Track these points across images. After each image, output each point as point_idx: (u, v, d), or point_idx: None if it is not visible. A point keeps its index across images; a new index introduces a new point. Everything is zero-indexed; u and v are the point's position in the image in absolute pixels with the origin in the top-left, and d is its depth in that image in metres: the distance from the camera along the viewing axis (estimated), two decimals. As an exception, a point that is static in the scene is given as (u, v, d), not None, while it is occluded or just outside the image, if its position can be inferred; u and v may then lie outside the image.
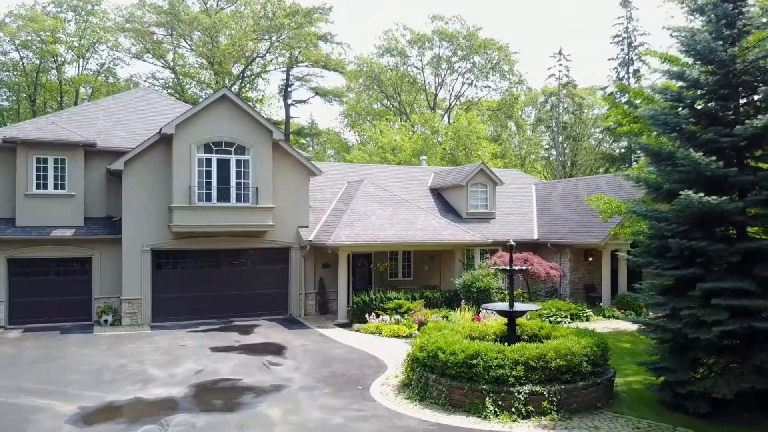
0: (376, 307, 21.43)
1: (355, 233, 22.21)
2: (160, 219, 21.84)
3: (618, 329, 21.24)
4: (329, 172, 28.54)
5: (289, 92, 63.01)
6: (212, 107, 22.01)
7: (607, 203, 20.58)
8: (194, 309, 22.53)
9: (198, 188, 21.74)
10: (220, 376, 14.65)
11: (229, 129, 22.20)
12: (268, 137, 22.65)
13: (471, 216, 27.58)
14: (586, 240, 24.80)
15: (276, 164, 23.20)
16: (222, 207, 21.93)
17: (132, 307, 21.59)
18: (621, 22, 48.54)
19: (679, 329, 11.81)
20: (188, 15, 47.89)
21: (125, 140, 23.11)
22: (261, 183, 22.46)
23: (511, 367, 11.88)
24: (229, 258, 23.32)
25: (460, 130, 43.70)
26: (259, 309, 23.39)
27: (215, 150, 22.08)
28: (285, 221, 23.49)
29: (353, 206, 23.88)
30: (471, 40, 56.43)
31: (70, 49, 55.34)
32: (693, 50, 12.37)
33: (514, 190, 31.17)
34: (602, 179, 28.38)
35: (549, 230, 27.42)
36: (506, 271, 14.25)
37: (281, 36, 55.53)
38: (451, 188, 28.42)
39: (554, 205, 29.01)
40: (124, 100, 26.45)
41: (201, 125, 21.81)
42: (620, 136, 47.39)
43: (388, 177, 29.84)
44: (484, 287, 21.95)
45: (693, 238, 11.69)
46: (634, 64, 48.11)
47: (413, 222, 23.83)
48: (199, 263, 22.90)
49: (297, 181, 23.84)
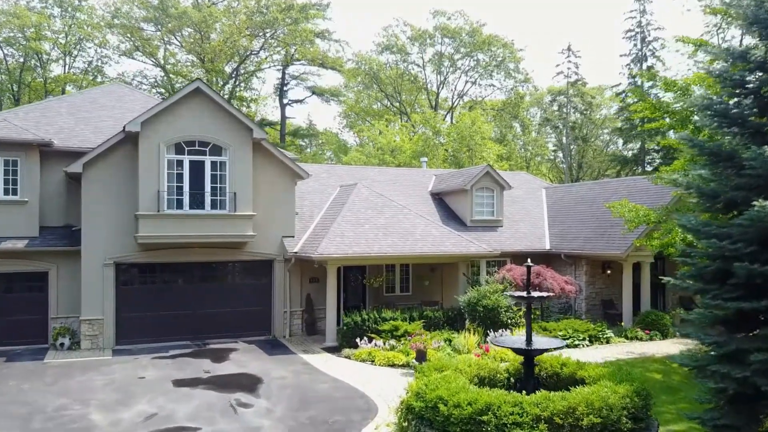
0: (369, 329, 18.84)
1: (346, 244, 19.65)
2: (125, 228, 19.30)
3: (645, 354, 18.62)
4: (320, 176, 25.98)
5: (285, 91, 60.56)
6: (184, 102, 19.48)
7: (633, 211, 18.01)
8: (165, 329, 19.97)
9: (168, 194, 19.20)
10: (174, 423, 12.07)
11: (204, 127, 19.66)
12: (247, 136, 20.11)
13: (476, 224, 24.98)
14: (604, 251, 22.19)
15: (257, 167, 20.66)
16: (195, 215, 19.39)
17: (93, 329, 19.04)
18: (633, 15, 45.88)
19: (746, 378, 9.23)
20: (177, 9, 45.40)
21: (88, 140, 20.57)
22: (240, 188, 19.91)
23: (532, 426, 9.31)
24: (205, 272, 20.76)
25: (464, 130, 41.09)
26: (239, 329, 20.82)
27: (188, 150, 19.55)
28: (267, 230, 20.93)
29: (344, 213, 21.32)
30: (474, 36, 53.83)
31: (55, 46, 52.98)
32: (759, 22, 9.79)
33: (522, 194, 28.56)
34: (621, 182, 25.75)
35: (562, 239, 24.81)
36: (524, 298, 11.68)
37: (276, 32, 53.08)
38: (453, 193, 25.83)
39: (567, 212, 26.39)
40: (93, 96, 23.92)
41: (171, 122, 19.28)
42: (633, 135, 44.82)
43: (385, 180, 27.27)
44: (492, 306, 19.39)
45: (765, 262, 9.12)
46: (648, 60, 45.42)
47: (411, 231, 21.27)
48: (170, 278, 20.35)
49: (281, 186, 21.29)
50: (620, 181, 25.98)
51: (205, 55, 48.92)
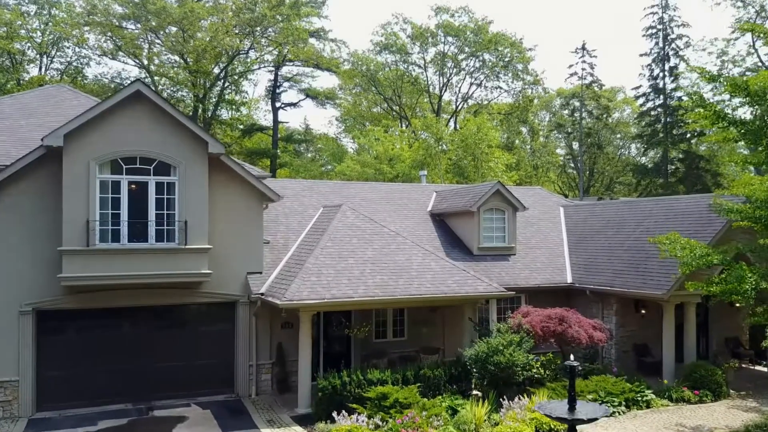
0: (351, 395, 14.91)
1: (323, 286, 15.76)
2: (47, 267, 15.46)
3: (700, 428, 14.66)
4: (300, 194, 22.12)
5: (277, 94, 56.76)
6: (121, 109, 15.65)
7: (687, 248, 14.09)
8: (102, 390, 16.12)
9: (100, 224, 15.36)
10: None
11: (147, 139, 15.83)
12: (202, 150, 16.26)
13: (484, 252, 21.06)
14: (640, 290, 18.24)
15: (216, 188, 16.83)
16: (135, 249, 15.55)
17: (4, 393, 15.20)
18: (655, 11, 41.89)
19: None
20: (155, 5, 41.62)
21: (8, 154, 16.68)
22: (193, 214, 16.07)
23: None
24: (153, 318, 16.88)
25: (469, 138, 37.15)
26: (195, 386, 16.96)
27: (126, 169, 15.71)
28: (228, 266, 17.08)
29: (324, 244, 17.44)
30: (480, 34, 49.92)
31: (29, 44, 49.38)
32: None
33: (537, 214, 24.60)
34: (656, 203, 21.77)
35: (586, 271, 20.88)
36: (565, 420, 7.91)
37: (266, 31, 49.33)
38: (458, 215, 21.91)
39: (591, 237, 22.44)
40: (25, 100, 20.08)
41: (105, 134, 15.44)
42: (655, 143, 40.82)
43: (377, 199, 23.37)
44: (506, 363, 15.52)
45: None
46: (671, 60, 41.41)
47: (406, 266, 17.38)
48: (108, 326, 16.49)
49: (246, 210, 17.44)
50: (654, 202, 21.99)
51: (188, 55, 45.14)
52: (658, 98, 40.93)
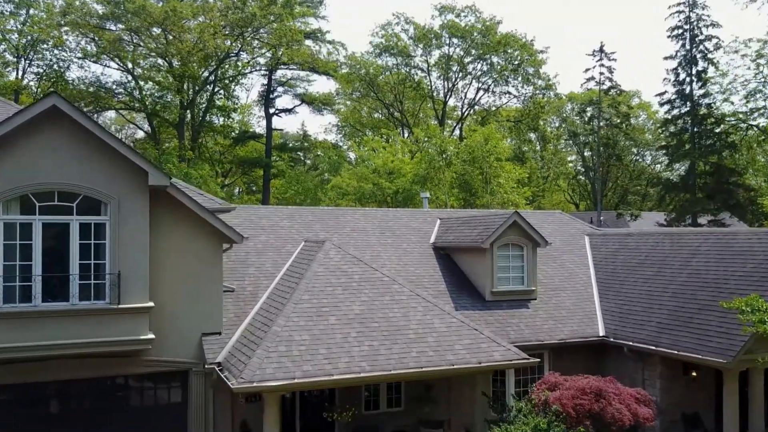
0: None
1: (293, 360, 12.19)
2: (-62, 333, 11.94)
3: None
4: (279, 224, 18.57)
5: (271, 99, 53.45)
6: (35, 130, 12.13)
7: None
8: (13, 487, 12.59)
9: (5, 279, 11.84)
10: None
11: (68, 169, 12.29)
12: (141, 182, 12.72)
13: (499, 297, 17.42)
14: (695, 353, 14.60)
15: (161, 228, 13.29)
16: (54, 312, 12.01)
17: None
18: (681, 9, 38.19)
19: None
20: (133, 3, 38.19)
21: None
22: (129, 264, 12.52)
23: None
24: (84, 393, 13.34)
25: (476, 150, 33.54)
26: (136, 477, 13.44)
27: (41, 207, 12.17)
28: (178, 327, 13.51)
29: (299, 297, 13.88)
30: (488, 35, 46.38)
31: (5, 47, 46.05)
32: None
33: (559, 246, 20.95)
34: (705, 237, 18.10)
35: (622, 321, 17.25)
36: None
37: (258, 32, 45.92)
38: (466, 251, 18.31)
39: (626, 275, 18.82)
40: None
41: (11, 162, 11.93)
42: (682, 154, 37.10)
43: (372, 228, 19.79)
44: (529, 460, 11.91)
45: None
46: (699, 64, 37.69)
47: (403, 325, 13.82)
48: (23, 407, 12.94)
49: (201, 255, 13.87)
50: (704, 236, 18.28)
51: (171, 57, 41.72)
52: (685, 105, 37.29)
